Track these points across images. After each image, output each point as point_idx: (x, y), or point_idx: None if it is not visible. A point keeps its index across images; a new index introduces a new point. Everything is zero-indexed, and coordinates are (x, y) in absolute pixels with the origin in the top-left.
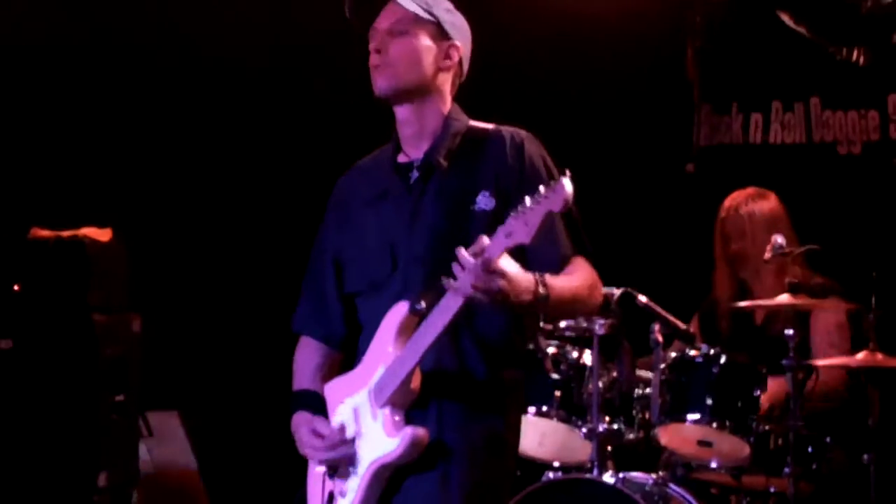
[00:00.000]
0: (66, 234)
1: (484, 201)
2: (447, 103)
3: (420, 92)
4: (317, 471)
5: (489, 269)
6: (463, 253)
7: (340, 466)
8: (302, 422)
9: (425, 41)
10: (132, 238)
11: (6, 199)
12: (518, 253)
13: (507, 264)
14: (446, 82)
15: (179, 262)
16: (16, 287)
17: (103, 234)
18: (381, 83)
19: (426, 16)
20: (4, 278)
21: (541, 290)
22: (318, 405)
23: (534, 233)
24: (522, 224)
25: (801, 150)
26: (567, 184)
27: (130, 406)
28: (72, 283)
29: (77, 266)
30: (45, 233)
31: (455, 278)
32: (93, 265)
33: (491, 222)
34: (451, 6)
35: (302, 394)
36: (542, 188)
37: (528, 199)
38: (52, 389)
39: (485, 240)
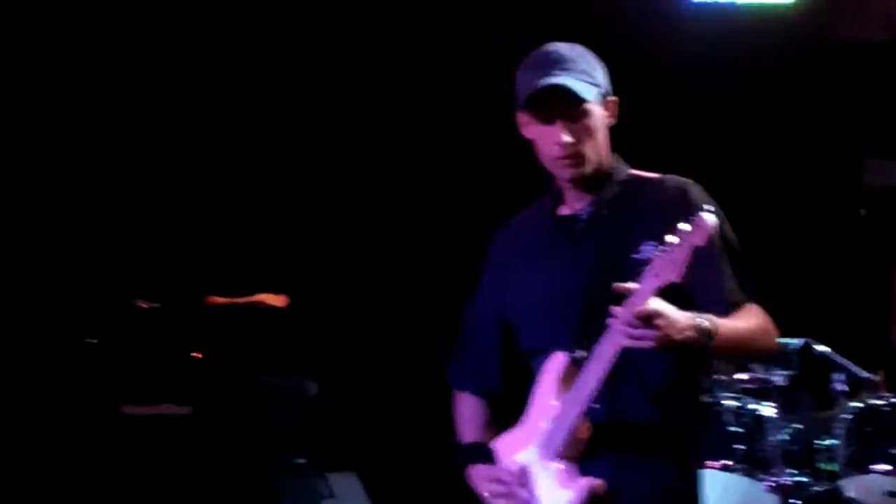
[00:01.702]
0: (241, 300)
1: (648, 251)
2: (609, 154)
3: (601, 164)
4: None
5: (640, 312)
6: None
7: None
8: (479, 474)
9: (599, 113)
10: (308, 303)
11: (183, 268)
12: (685, 298)
13: (660, 304)
14: (608, 134)
15: (354, 326)
16: (195, 355)
17: (279, 300)
18: (572, 173)
19: (596, 89)
20: (182, 346)
21: (704, 324)
22: (489, 458)
23: (682, 270)
24: (669, 262)
25: None
26: (708, 217)
27: (311, 468)
28: (248, 349)
29: (253, 332)
30: (222, 300)
31: (610, 326)
32: (268, 331)
33: None
34: (594, 57)
35: (472, 447)
36: (683, 224)
37: (670, 237)
38: (231, 454)
39: (633, 283)
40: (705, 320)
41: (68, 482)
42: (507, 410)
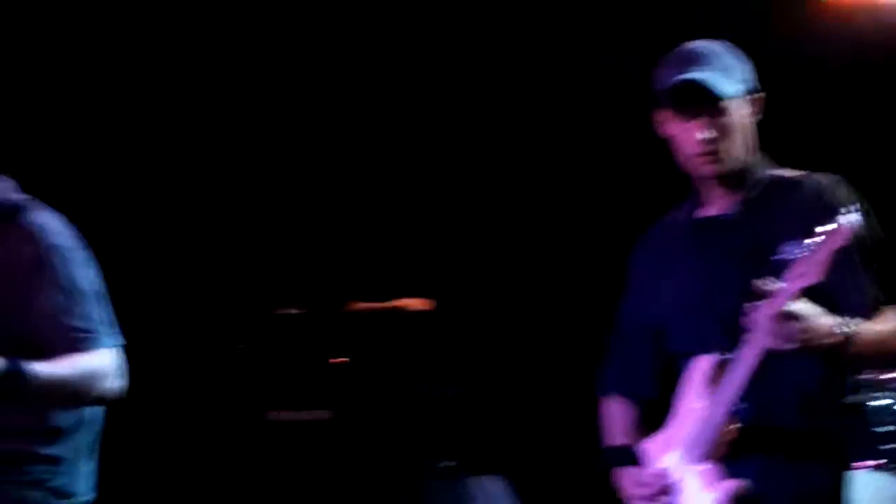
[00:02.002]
0: (384, 306)
1: (789, 251)
2: (752, 153)
3: (743, 161)
4: None
5: (782, 313)
6: (755, 302)
7: None
8: (626, 477)
9: (741, 110)
10: (451, 307)
11: (327, 274)
12: (826, 300)
13: (802, 307)
14: (754, 132)
15: (498, 329)
16: (339, 360)
17: (422, 305)
18: (710, 169)
19: (737, 86)
20: (325, 351)
21: (844, 328)
22: (635, 461)
23: (823, 271)
24: (810, 263)
25: None
26: (849, 217)
27: (458, 472)
28: (392, 354)
29: (396, 337)
30: (365, 306)
31: (753, 327)
32: (412, 336)
33: None
34: (737, 53)
35: (619, 450)
36: (825, 224)
37: (811, 237)
38: (376, 459)
39: (774, 284)
40: (846, 325)
41: (215, 487)
42: (654, 413)
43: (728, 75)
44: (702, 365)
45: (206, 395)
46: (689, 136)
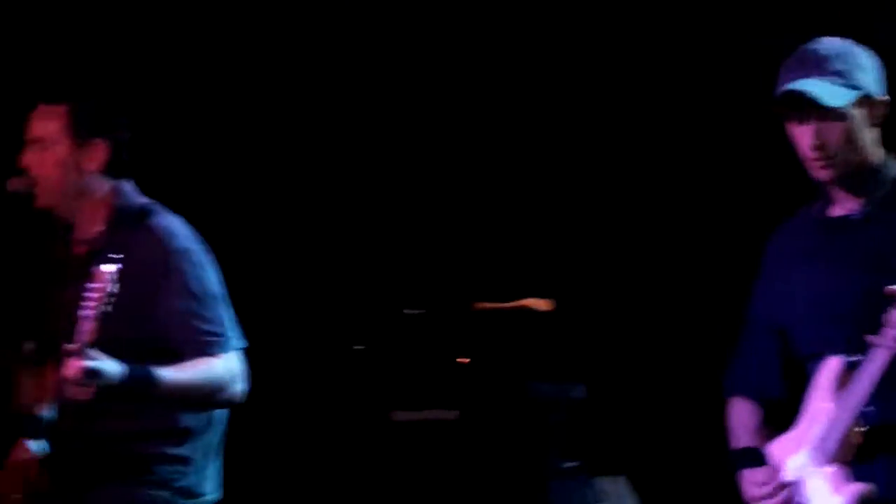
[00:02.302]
0: (508, 305)
1: None
2: (878, 153)
3: (860, 165)
4: None
5: None
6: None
7: None
8: (751, 479)
9: (857, 115)
10: (574, 307)
11: (450, 274)
12: None
13: None
14: (877, 135)
15: (622, 328)
16: (462, 360)
17: (545, 305)
18: (822, 174)
19: (852, 92)
20: (449, 351)
21: None
22: (761, 462)
23: None
24: None
25: None
26: None
27: (581, 472)
28: (515, 354)
29: (520, 337)
30: (488, 305)
31: (883, 328)
32: (535, 335)
33: None
34: (862, 55)
35: (745, 451)
36: None
37: None
38: (500, 459)
39: None
40: None
41: (340, 488)
42: (780, 415)
43: (843, 80)
44: (830, 366)
45: (331, 396)
46: (801, 140)
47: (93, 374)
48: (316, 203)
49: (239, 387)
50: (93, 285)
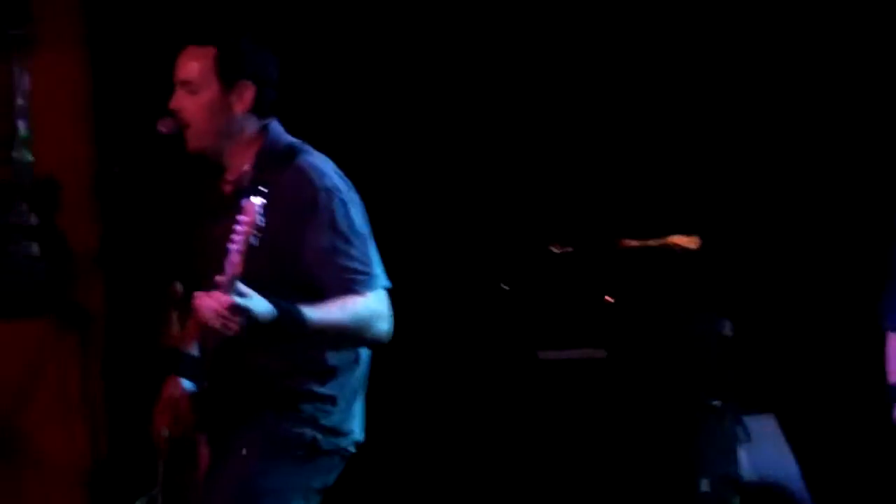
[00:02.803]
0: (654, 242)
1: None
2: None
3: None
4: None
5: None
6: None
7: None
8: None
9: None
10: (721, 243)
11: (596, 211)
12: None
13: None
14: None
15: (769, 264)
16: (608, 298)
17: (692, 242)
18: None
19: None
20: (595, 290)
21: None
22: None
23: None
24: None
25: None
26: None
27: (728, 411)
28: (662, 291)
29: (667, 274)
30: (634, 242)
31: None
32: (682, 272)
33: None
34: None
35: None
36: None
37: None
38: (648, 397)
39: None
40: None
41: (487, 428)
42: None
43: None
44: None
45: (478, 335)
46: None
47: (240, 310)
48: (463, 141)
49: (384, 326)
50: (241, 218)
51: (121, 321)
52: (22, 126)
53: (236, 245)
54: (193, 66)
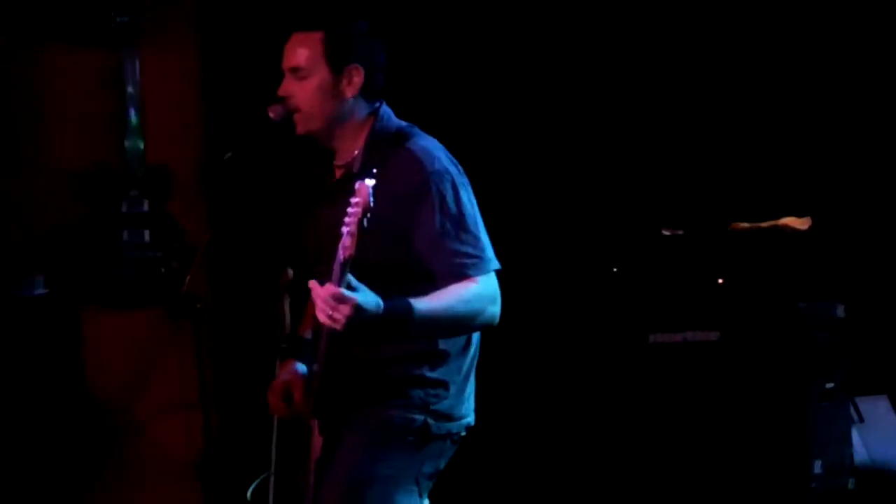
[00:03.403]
0: (765, 224)
1: None
2: None
3: None
4: None
5: None
6: None
7: None
8: None
9: None
10: (833, 224)
11: (707, 194)
12: None
13: None
14: None
15: (882, 245)
16: (720, 280)
17: (803, 223)
18: None
19: None
20: (708, 272)
21: None
22: None
23: None
24: None
25: None
26: None
27: (840, 393)
28: (774, 274)
29: (779, 256)
30: (745, 225)
31: None
32: (795, 254)
33: None
34: None
35: None
36: None
37: None
38: (762, 379)
39: None
40: None
41: (598, 411)
42: None
43: None
44: None
45: (589, 318)
46: None
47: (347, 300)
48: (577, 125)
49: (495, 310)
50: (354, 200)
51: (231, 308)
52: (133, 114)
53: (349, 227)
54: (302, 52)
